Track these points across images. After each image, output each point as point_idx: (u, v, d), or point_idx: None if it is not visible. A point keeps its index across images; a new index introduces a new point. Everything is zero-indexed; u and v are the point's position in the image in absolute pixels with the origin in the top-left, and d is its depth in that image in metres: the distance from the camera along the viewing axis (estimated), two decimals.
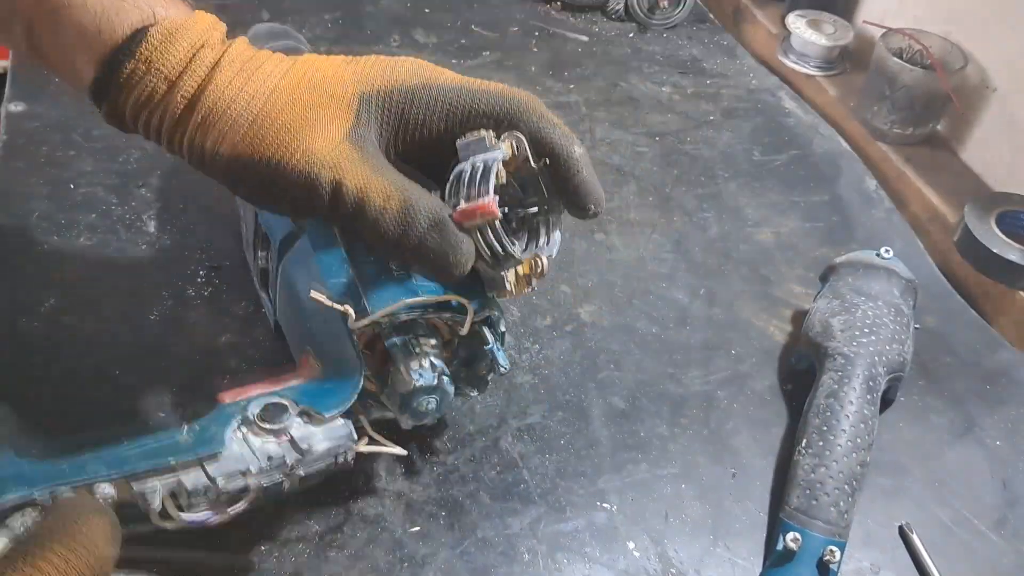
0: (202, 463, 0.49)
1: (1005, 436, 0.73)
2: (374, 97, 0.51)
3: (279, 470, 0.51)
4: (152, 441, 0.50)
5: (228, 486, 0.50)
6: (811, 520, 0.61)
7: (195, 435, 0.50)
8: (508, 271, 0.52)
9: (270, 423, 0.52)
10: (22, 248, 0.75)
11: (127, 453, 0.49)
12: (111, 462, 0.48)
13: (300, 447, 0.51)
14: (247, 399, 0.53)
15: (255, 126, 0.48)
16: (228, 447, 0.50)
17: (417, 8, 1.17)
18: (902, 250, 0.84)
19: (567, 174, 0.53)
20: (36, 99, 0.90)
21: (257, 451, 0.51)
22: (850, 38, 1.12)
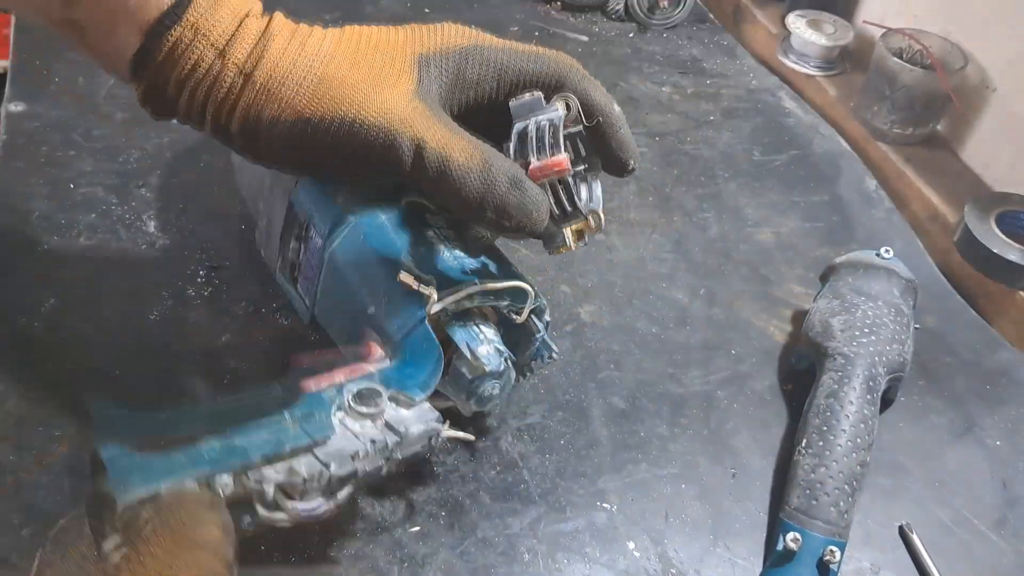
0: (313, 449, 0.49)
1: (1005, 436, 0.73)
2: (432, 58, 0.50)
3: (381, 454, 0.51)
4: (263, 429, 0.49)
5: (340, 471, 0.49)
6: (811, 520, 0.61)
7: (301, 420, 0.50)
8: (568, 227, 0.55)
9: (366, 407, 0.51)
10: (22, 248, 0.75)
11: (242, 442, 0.48)
12: (226, 452, 0.47)
13: (397, 430, 0.51)
14: (338, 384, 0.52)
15: (323, 86, 0.47)
16: (335, 432, 0.50)
17: (417, 8, 1.17)
18: (902, 250, 0.84)
19: (610, 131, 0.55)
20: (36, 99, 0.90)
21: (360, 435, 0.50)
22: (850, 38, 1.12)
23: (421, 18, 1.14)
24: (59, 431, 0.63)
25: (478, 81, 0.52)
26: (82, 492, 0.60)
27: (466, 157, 0.48)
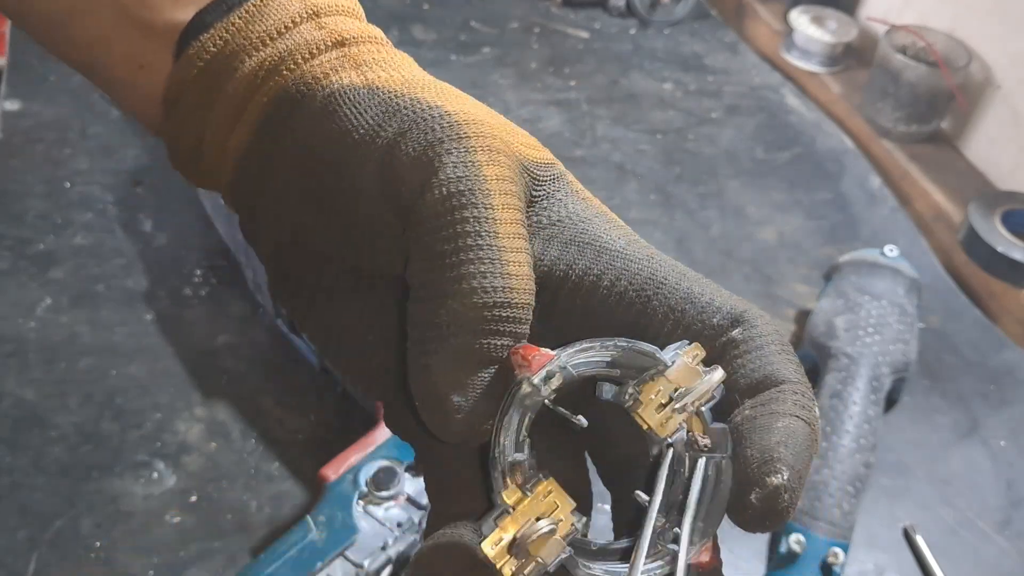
0: (344, 553, 0.52)
1: (1010, 436, 0.72)
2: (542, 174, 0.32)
3: (410, 531, 0.54)
4: (292, 548, 0.52)
5: (374, 565, 0.52)
6: (814, 521, 0.60)
7: (325, 527, 0.53)
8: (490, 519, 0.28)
9: (386, 489, 0.54)
10: (18, 248, 0.75)
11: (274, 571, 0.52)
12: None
13: (420, 503, 0.54)
14: (351, 469, 0.55)
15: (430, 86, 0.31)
16: (360, 528, 0.53)
17: (416, 3, 1.16)
18: (906, 249, 0.83)
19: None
20: (32, 97, 0.89)
21: (386, 521, 0.53)
22: (853, 35, 1.12)
23: (420, 14, 1.14)
24: (55, 432, 0.63)
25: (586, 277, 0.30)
26: (78, 494, 0.60)
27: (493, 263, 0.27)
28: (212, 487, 0.61)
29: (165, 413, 0.65)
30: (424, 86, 0.31)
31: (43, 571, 0.56)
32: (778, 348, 0.28)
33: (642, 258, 0.30)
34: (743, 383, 0.28)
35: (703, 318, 0.29)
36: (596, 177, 0.93)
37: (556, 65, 1.09)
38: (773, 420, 0.26)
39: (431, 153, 0.28)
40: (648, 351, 0.27)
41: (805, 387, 0.28)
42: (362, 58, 0.31)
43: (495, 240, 0.28)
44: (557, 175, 0.32)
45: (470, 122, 0.29)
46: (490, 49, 1.10)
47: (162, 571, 0.57)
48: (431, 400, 0.27)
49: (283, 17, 0.31)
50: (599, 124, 1.01)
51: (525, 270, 0.28)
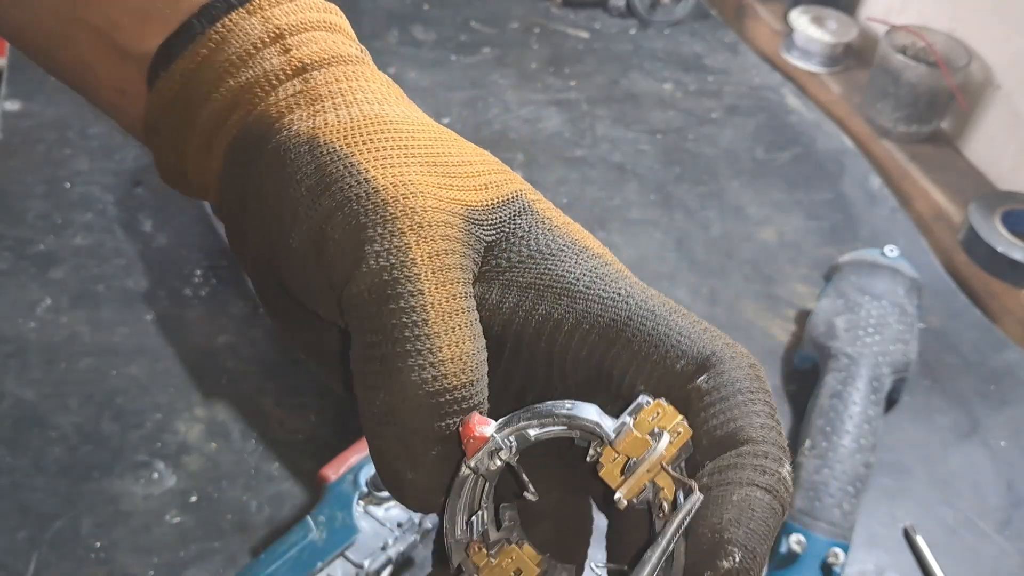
0: (344, 553, 0.52)
1: (1010, 437, 0.72)
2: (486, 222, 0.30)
3: (410, 531, 0.54)
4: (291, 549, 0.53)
5: (374, 565, 0.52)
6: (815, 521, 0.60)
7: (326, 527, 0.53)
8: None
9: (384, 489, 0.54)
10: (18, 248, 0.75)
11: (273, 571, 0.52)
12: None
13: None
14: (351, 469, 0.55)
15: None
16: (361, 528, 0.53)
17: (416, 3, 1.16)
18: (906, 249, 0.83)
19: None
20: (32, 97, 0.89)
21: (386, 521, 0.53)
22: (853, 35, 1.12)
23: (420, 14, 1.14)
24: (56, 433, 0.63)
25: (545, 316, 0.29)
26: (78, 494, 0.60)
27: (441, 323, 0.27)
28: (212, 487, 0.61)
29: (165, 413, 0.65)
30: (370, 136, 0.29)
31: (43, 571, 0.56)
32: (745, 398, 0.26)
33: (606, 299, 0.29)
34: (705, 442, 0.26)
35: (667, 364, 0.27)
36: (596, 177, 0.93)
37: (556, 65, 1.09)
38: (728, 492, 0.25)
39: (355, 241, 0.27)
40: (589, 426, 0.26)
41: (771, 444, 0.26)
42: (318, 91, 0.31)
43: (424, 328, 0.27)
44: (517, 210, 0.30)
45: (399, 197, 0.28)
46: (490, 49, 1.10)
47: (162, 571, 0.57)
48: (387, 477, 0.28)
49: (246, 43, 0.31)
50: (599, 124, 1.01)
51: (464, 349, 0.27)
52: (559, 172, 0.92)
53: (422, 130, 0.31)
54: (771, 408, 0.27)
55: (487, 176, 0.31)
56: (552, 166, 0.93)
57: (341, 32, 0.33)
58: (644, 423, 0.26)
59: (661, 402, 0.26)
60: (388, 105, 0.31)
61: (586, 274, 0.29)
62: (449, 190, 0.29)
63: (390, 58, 1.05)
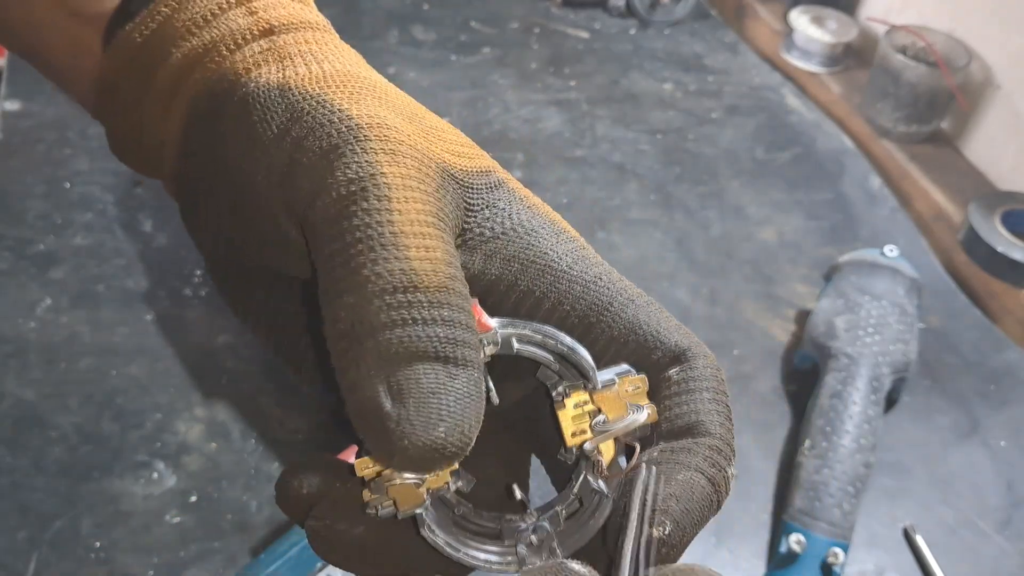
0: None
1: (1010, 436, 0.72)
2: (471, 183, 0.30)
3: None
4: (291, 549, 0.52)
5: None
6: (814, 521, 0.60)
7: None
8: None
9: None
10: (18, 248, 0.75)
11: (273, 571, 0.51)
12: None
13: None
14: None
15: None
16: None
17: (416, 3, 1.16)
18: (906, 249, 0.83)
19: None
20: (32, 97, 0.89)
21: None
22: (854, 35, 1.12)
23: (420, 14, 1.14)
24: (56, 433, 0.63)
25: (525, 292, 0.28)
26: (78, 494, 0.60)
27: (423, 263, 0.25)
28: (212, 487, 0.61)
29: (165, 413, 0.65)
30: (342, 83, 0.28)
31: (43, 571, 0.56)
32: (711, 395, 0.27)
33: (588, 280, 0.28)
34: (665, 427, 0.27)
35: (643, 351, 0.28)
36: (596, 177, 0.93)
37: (556, 65, 1.09)
38: (676, 471, 0.26)
39: (326, 160, 0.26)
40: (584, 367, 0.26)
41: (724, 443, 0.27)
42: (287, 50, 0.30)
43: (389, 228, 0.24)
44: (495, 182, 0.29)
45: (374, 125, 0.27)
46: (490, 49, 1.10)
47: (162, 571, 0.57)
48: (362, 418, 0.23)
49: (211, 4, 0.30)
50: (599, 124, 1.01)
51: (435, 254, 0.25)
52: (559, 172, 0.92)
53: (396, 92, 0.30)
54: (729, 411, 0.28)
55: (463, 147, 0.30)
56: (552, 166, 0.93)
57: (305, 3, 0.33)
58: (625, 388, 0.26)
59: (645, 378, 0.27)
60: (360, 68, 0.30)
61: (568, 254, 0.29)
62: (426, 141, 0.28)
63: (390, 58, 1.05)
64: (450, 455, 0.23)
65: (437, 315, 0.24)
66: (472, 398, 0.23)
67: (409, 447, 0.23)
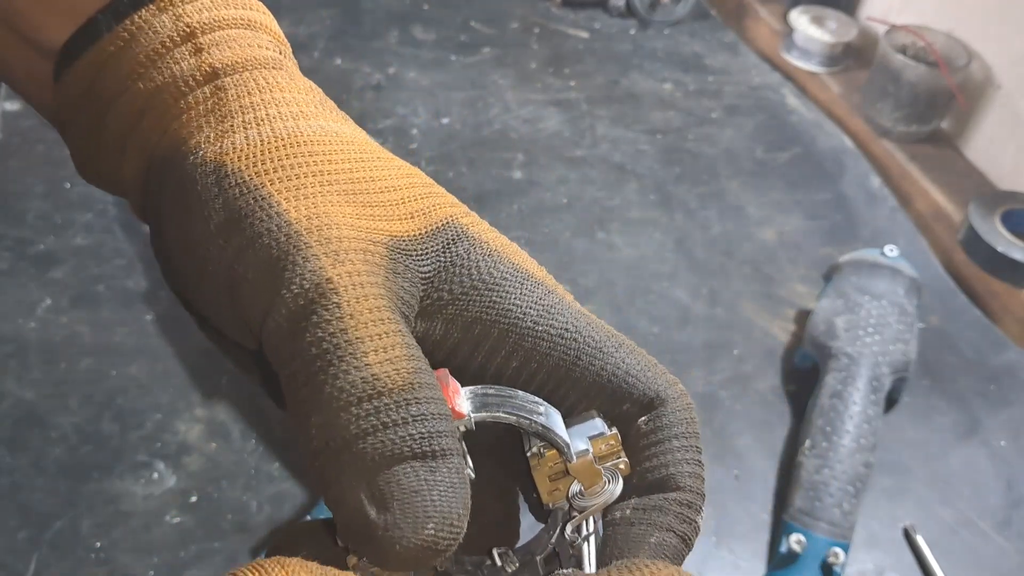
0: None
1: (1010, 436, 0.72)
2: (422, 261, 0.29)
3: None
4: None
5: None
6: (815, 521, 0.60)
7: None
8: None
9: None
10: (18, 248, 0.75)
11: None
12: None
13: None
14: None
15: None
16: None
17: (416, 3, 1.16)
18: (906, 248, 0.83)
19: None
20: None
21: None
22: (853, 35, 1.12)
23: (420, 14, 1.14)
24: (56, 433, 0.63)
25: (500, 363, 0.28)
26: (78, 494, 0.60)
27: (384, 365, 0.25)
28: (212, 487, 0.61)
29: (165, 413, 0.65)
30: (280, 161, 0.27)
31: (43, 571, 0.56)
32: (680, 443, 0.27)
33: (555, 335, 0.28)
34: (636, 480, 0.27)
35: (612, 403, 0.28)
36: (596, 177, 0.93)
37: (556, 65, 1.09)
38: (649, 534, 0.26)
39: (269, 277, 0.26)
40: (560, 445, 0.26)
41: (695, 496, 0.27)
42: (228, 106, 0.28)
43: (343, 336, 0.24)
44: (453, 236, 0.28)
45: (313, 228, 0.26)
46: (490, 49, 1.10)
47: (162, 571, 0.57)
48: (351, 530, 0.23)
49: (155, 41, 0.29)
50: (599, 124, 1.01)
51: (393, 352, 0.24)
52: (559, 172, 0.92)
53: (340, 150, 0.28)
54: (699, 453, 0.28)
55: (413, 203, 0.28)
56: (552, 166, 0.93)
57: (261, 28, 0.31)
58: (599, 450, 0.27)
59: (616, 435, 0.27)
60: (303, 120, 0.29)
61: (533, 307, 0.28)
62: (370, 220, 0.27)
63: (390, 58, 1.05)
64: (443, 548, 0.23)
65: (407, 414, 0.24)
66: (456, 487, 0.23)
67: (401, 551, 0.23)
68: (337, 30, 1.09)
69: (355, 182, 0.28)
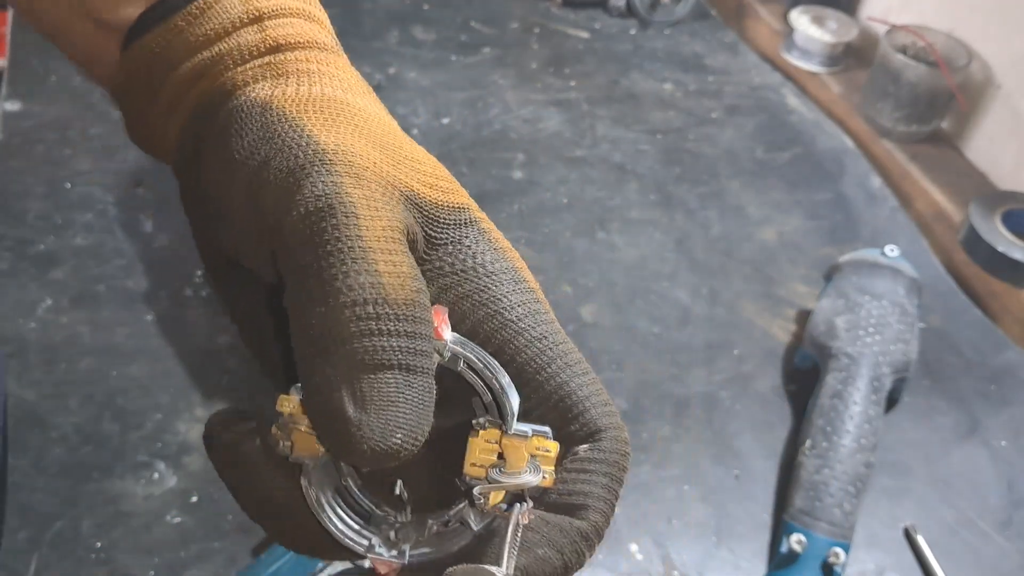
0: None
1: (1010, 436, 0.72)
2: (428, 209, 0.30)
3: None
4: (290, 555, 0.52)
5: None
6: (815, 521, 0.60)
7: None
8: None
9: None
10: (18, 248, 0.75)
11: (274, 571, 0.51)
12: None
13: None
14: None
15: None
16: None
17: (416, 3, 1.16)
18: (907, 249, 0.83)
19: None
20: (32, 97, 0.89)
21: None
22: (854, 35, 1.12)
23: (420, 14, 1.14)
24: (56, 433, 0.63)
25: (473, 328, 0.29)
26: (79, 494, 0.60)
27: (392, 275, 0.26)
28: (213, 487, 0.61)
29: (166, 413, 0.65)
30: (322, 108, 0.29)
31: (43, 571, 0.56)
32: (606, 481, 0.28)
33: (534, 337, 0.29)
34: (554, 497, 0.28)
35: (564, 419, 0.29)
36: (596, 177, 0.93)
37: (556, 65, 1.09)
38: (539, 544, 0.27)
39: (292, 179, 0.27)
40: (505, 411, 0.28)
41: (596, 532, 0.28)
42: (285, 67, 0.31)
43: (359, 242, 0.26)
44: (466, 220, 0.30)
45: (339, 151, 0.28)
46: (490, 49, 1.10)
47: (162, 571, 0.57)
48: (325, 419, 0.25)
49: (224, 21, 0.32)
50: (599, 124, 1.01)
51: (401, 268, 0.26)
52: (559, 172, 0.92)
53: (378, 121, 0.31)
54: (617, 497, 0.29)
55: (438, 180, 0.30)
56: (552, 166, 0.93)
57: (319, 24, 0.34)
58: (533, 445, 0.28)
59: (558, 446, 0.28)
60: (352, 94, 0.31)
61: (521, 306, 0.29)
62: (395, 170, 0.29)
63: (390, 58, 1.05)
64: (402, 457, 0.25)
65: (402, 328, 0.25)
66: (425, 405, 0.25)
67: (367, 451, 0.24)
68: (337, 30, 1.08)
69: (387, 144, 0.30)
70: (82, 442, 0.63)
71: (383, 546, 0.27)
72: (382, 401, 0.24)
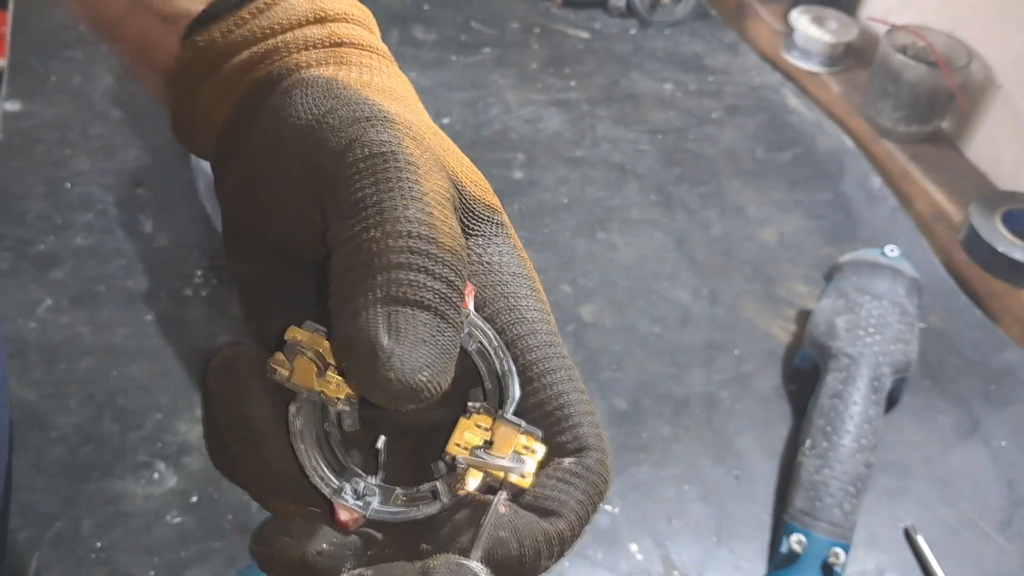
0: None
1: (1011, 436, 0.72)
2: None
3: None
4: None
5: None
6: (815, 522, 0.60)
7: None
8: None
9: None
10: (18, 248, 0.75)
11: None
12: None
13: None
14: None
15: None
16: None
17: (416, 3, 1.16)
18: (907, 249, 0.83)
19: None
20: (33, 98, 0.89)
21: None
22: (854, 35, 1.12)
23: (420, 14, 1.14)
24: (56, 433, 0.63)
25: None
26: (79, 494, 0.60)
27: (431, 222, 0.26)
28: (213, 487, 0.61)
29: (166, 413, 0.65)
30: (385, 93, 0.30)
31: (43, 571, 0.56)
32: (584, 497, 0.28)
33: (541, 342, 0.29)
34: (531, 498, 0.28)
35: (556, 429, 0.29)
36: (596, 177, 0.93)
37: (556, 65, 1.09)
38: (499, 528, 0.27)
39: (357, 125, 0.28)
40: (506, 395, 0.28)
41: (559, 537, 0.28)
42: (348, 58, 0.32)
43: (418, 187, 0.27)
44: (498, 222, 0.31)
45: (401, 118, 0.29)
46: (490, 49, 1.10)
47: (162, 571, 0.57)
48: (355, 345, 0.24)
49: (291, 15, 0.32)
50: (599, 124, 1.01)
51: (452, 223, 0.27)
52: (559, 172, 0.92)
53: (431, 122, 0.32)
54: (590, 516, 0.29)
55: (478, 179, 0.32)
56: (552, 166, 0.93)
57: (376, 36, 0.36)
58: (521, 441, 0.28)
59: (544, 449, 0.28)
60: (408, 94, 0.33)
61: (535, 309, 0.30)
62: (444, 155, 0.30)
63: None
64: (423, 399, 0.24)
65: (446, 274, 0.26)
66: (452, 357, 0.25)
67: (393, 381, 0.24)
68: None
69: (437, 133, 0.31)
70: (82, 442, 0.63)
71: (346, 495, 0.27)
72: (416, 337, 0.24)
